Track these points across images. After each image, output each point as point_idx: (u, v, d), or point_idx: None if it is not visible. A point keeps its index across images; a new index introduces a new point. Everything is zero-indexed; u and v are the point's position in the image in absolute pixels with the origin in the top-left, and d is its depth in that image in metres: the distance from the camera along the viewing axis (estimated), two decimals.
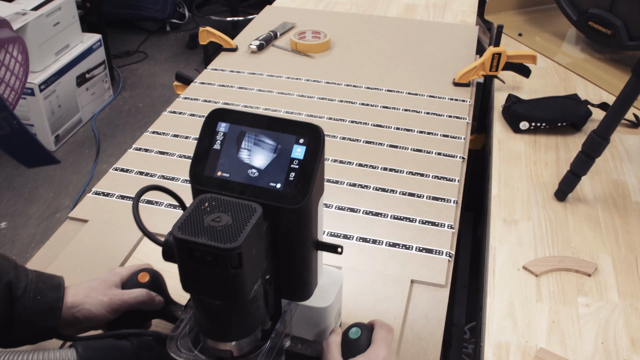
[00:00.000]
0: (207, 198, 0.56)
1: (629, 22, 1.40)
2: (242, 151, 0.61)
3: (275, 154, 0.60)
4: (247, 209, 0.55)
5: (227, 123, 0.62)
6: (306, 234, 0.62)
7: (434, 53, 1.56)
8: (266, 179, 0.59)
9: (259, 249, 0.57)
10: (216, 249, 0.51)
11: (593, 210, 1.04)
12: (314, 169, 0.58)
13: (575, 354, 0.79)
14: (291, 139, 0.60)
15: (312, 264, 0.65)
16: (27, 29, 2.42)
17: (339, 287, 0.71)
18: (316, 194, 0.60)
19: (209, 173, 0.61)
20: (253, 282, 0.56)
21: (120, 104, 3.04)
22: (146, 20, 3.73)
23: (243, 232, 0.52)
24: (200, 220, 0.53)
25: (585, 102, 1.26)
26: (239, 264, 0.52)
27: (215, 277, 0.53)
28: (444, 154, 1.16)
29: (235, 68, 1.48)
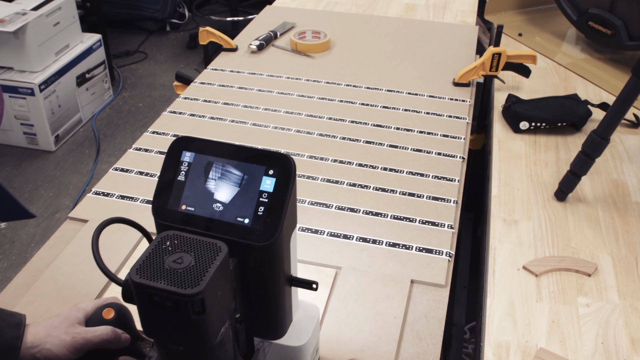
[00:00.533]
0: (169, 236, 0.52)
1: (629, 22, 1.40)
2: (208, 183, 0.57)
3: (243, 187, 0.56)
4: (211, 248, 0.51)
5: (192, 152, 0.58)
6: (277, 271, 0.58)
7: (434, 53, 1.56)
8: (233, 213, 0.55)
9: (225, 291, 0.53)
10: (176, 295, 0.48)
11: (593, 210, 1.04)
12: (285, 202, 0.54)
13: (575, 354, 0.79)
14: (260, 170, 0.56)
15: (285, 301, 0.62)
16: (27, 29, 2.42)
17: (315, 323, 0.67)
18: (287, 228, 0.57)
19: (173, 207, 0.57)
20: (219, 326, 0.53)
21: (120, 104, 3.04)
22: (146, 20, 3.73)
23: (206, 275, 0.48)
24: (161, 261, 0.50)
25: (585, 102, 1.26)
26: (201, 309, 0.49)
27: (177, 323, 0.50)
28: (444, 154, 1.16)
29: (235, 68, 1.48)
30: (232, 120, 1.26)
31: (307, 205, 1.03)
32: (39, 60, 2.51)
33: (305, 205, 1.03)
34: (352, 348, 0.78)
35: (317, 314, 0.68)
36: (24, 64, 2.50)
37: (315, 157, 1.15)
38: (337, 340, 0.79)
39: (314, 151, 1.17)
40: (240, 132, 1.22)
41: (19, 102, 2.52)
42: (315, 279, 0.88)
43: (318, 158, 1.15)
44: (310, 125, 1.25)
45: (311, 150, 1.17)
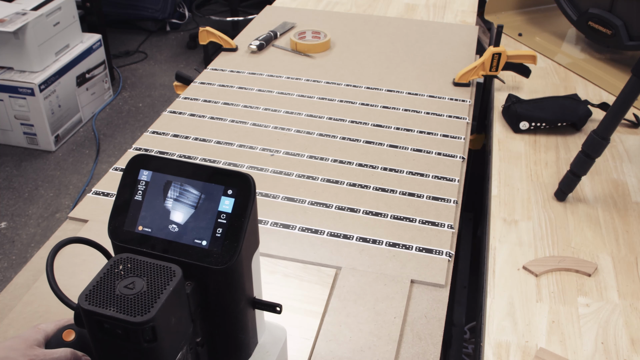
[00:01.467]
0: (123, 259, 0.50)
1: (629, 22, 1.40)
2: (166, 203, 0.54)
3: (201, 207, 0.54)
4: (165, 273, 0.49)
5: (149, 171, 0.56)
6: (238, 294, 0.56)
7: (434, 53, 1.56)
8: (191, 235, 0.53)
9: (181, 316, 0.51)
10: (126, 323, 0.46)
11: (593, 210, 1.04)
12: (244, 224, 0.52)
13: (575, 354, 0.79)
14: (219, 190, 0.54)
15: (248, 324, 0.60)
16: (27, 29, 2.42)
17: (281, 345, 0.66)
18: (248, 250, 0.55)
19: (129, 227, 0.55)
20: (174, 353, 0.51)
21: (120, 104, 3.04)
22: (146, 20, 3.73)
23: (157, 301, 0.47)
24: (112, 286, 0.48)
25: (585, 102, 1.26)
26: (152, 337, 0.47)
27: (128, 351, 0.48)
28: (444, 154, 1.16)
29: (235, 68, 1.48)
30: (232, 120, 1.26)
31: (307, 205, 1.03)
32: (39, 60, 2.52)
33: (305, 205, 1.03)
34: (352, 348, 0.78)
35: (283, 336, 0.67)
36: (24, 64, 2.50)
37: (315, 157, 1.15)
38: (337, 340, 0.79)
39: (314, 151, 1.17)
40: (240, 132, 1.22)
41: (19, 102, 2.52)
42: (315, 279, 0.88)
43: (318, 158, 1.15)
44: (310, 125, 1.25)
45: (311, 150, 1.17)
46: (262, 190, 1.06)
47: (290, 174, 1.11)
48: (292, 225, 0.99)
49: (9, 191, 2.43)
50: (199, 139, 1.20)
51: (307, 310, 0.84)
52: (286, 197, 1.05)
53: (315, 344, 0.79)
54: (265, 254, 0.93)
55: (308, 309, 0.84)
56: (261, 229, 0.98)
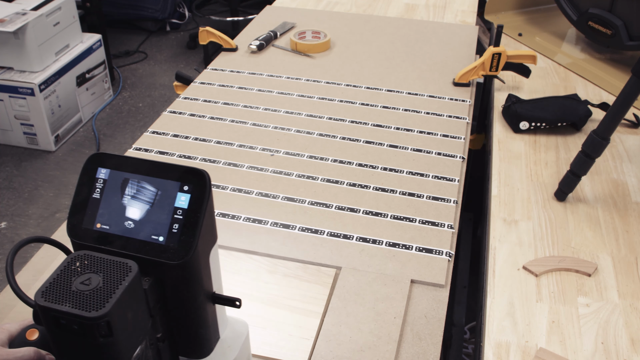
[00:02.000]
0: (80, 256, 0.51)
1: (629, 22, 1.40)
2: (123, 200, 0.55)
3: (158, 203, 0.55)
4: (121, 268, 0.50)
5: (107, 169, 0.56)
6: (196, 289, 0.57)
7: (434, 53, 1.56)
8: (148, 231, 0.54)
9: (138, 311, 0.52)
10: (81, 318, 0.46)
11: (593, 210, 1.04)
12: (199, 219, 0.53)
13: (575, 354, 0.79)
14: (175, 186, 0.54)
15: (208, 319, 0.60)
16: (27, 29, 2.42)
17: (242, 340, 0.66)
18: (205, 245, 0.56)
19: (88, 225, 0.55)
20: (132, 347, 0.52)
21: (120, 104, 3.04)
22: (146, 20, 3.73)
23: (113, 297, 0.48)
24: (68, 283, 0.49)
25: (585, 102, 1.26)
26: (108, 332, 0.48)
27: (85, 346, 0.49)
28: (443, 154, 1.16)
29: (235, 68, 1.48)
30: (232, 120, 1.26)
31: (307, 205, 1.03)
32: (39, 60, 2.52)
33: (305, 205, 1.03)
34: (352, 348, 0.78)
35: (245, 330, 0.67)
36: (24, 64, 2.50)
37: (315, 157, 1.15)
38: (337, 340, 0.79)
39: (314, 151, 1.17)
40: (240, 132, 1.22)
41: (19, 102, 2.52)
42: (315, 279, 0.88)
43: (318, 158, 1.15)
44: (310, 125, 1.25)
45: (311, 150, 1.17)
46: (262, 190, 1.06)
47: (290, 174, 1.11)
48: (292, 225, 0.99)
49: (9, 191, 2.43)
50: (199, 139, 1.20)
51: (307, 310, 0.84)
52: (286, 197, 1.05)
53: (315, 344, 0.79)
54: (265, 254, 0.93)
55: (308, 309, 0.84)
56: (261, 229, 0.98)
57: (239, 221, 1.00)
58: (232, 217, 1.00)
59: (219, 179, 1.09)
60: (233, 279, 0.89)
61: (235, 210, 1.02)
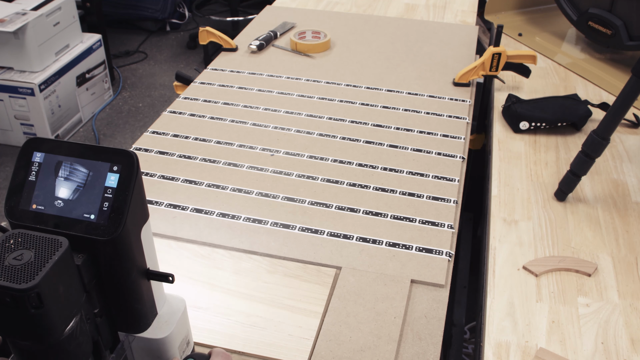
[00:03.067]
0: (14, 234, 0.54)
1: (629, 22, 1.40)
2: (57, 182, 0.59)
3: (89, 184, 0.58)
4: (52, 244, 0.53)
5: (42, 153, 0.60)
6: (128, 264, 0.60)
7: (434, 53, 1.56)
8: (80, 210, 0.57)
9: (70, 285, 0.54)
10: (12, 290, 0.49)
11: (593, 210, 1.04)
12: (127, 197, 0.57)
13: (575, 354, 0.79)
14: (105, 167, 0.58)
15: (143, 294, 0.63)
16: (27, 29, 2.42)
17: (179, 316, 0.69)
18: (134, 222, 0.59)
19: (24, 206, 0.58)
20: (65, 320, 0.54)
21: (120, 104, 3.04)
22: (146, 20, 3.73)
23: (42, 270, 0.50)
24: (2, 259, 0.51)
25: (585, 102, 1.26)
26: (39, 303, 0.50)
27: (18, 318, 0.51)
28: (444, 154, 1.16)
29: (235, 68, 1.48)
30: (232, 120, 1.26)
31: (307, 205, 1.03)
32: (39, 60, 2.52)
33: (305, 205, 1.03)
34: (352, 348, 0.78)
35: (182, 306, 0.70)
36: (24, 64, 2.50)
37: (315, 157, 1.15)
38: (337, 340, 0.79)
39: (314, 151, 1.17)
40: (240, 132, 1.22)
41: (19, 102, 2.52)
42: (315, 279, 0.88)
43: (318, 158, 1.15)
44: (310, 125, 1.25)
45: (311, 150, 1.17)
46: (262, 190, 1.06)
47: (290, 174, 1.11)
48: (292, 225, 0.99)
49: None
50: (199, 139, 1.20)
51: (307, 310, 0.84)
52: (286, 197, 1.05)
53: (315, 344, 0.79)
54: (265, 254, 0.93)
55: (308, 309, 0.84)
56: (261, 229, 0.98)
57: (239, 221, 1.00)
58: (232, 217, 1.00)
59: (219, 179, 1.09)
60: (233, 279, 0.89)
61: (235, 210, 1.02)
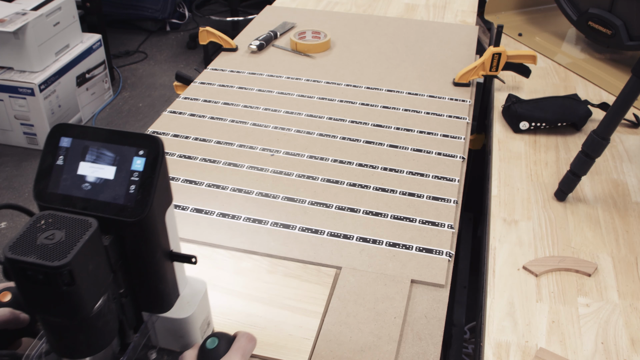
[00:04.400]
0: (45, 215, 0.56)
1: (629, 22, 1.40)
2: (84, 166, 0.60)
3: (116, 167, 0.60)
4: (82, 225, 0.55)
5: (69, 138, 0.62)
6: (153, 246, 0.61)
7: (434, 53, 1.56)
8: (108, 192, 0.59)
9: (99, 264, 0.56)
10: (45, 268, 0.51)
11: (593, 210, 1.04)
12: (154, 180, 0.58)
13: (575, 354, 0.79)
14: (131, 151, 0.60)
15: (166, 275, 0.65)
16: (27, 29, 2.42)
17: (200, 297, 0.71)
18: (160, 205, 0.60)
19: (53, 189, 0.60)
20: (94, 298, 0.56)
21: (120, 104, 3.04)
22: (146, 20, 3.73)
23: (74, 248, 0.52)
24: (34, 238, 0.53)
25: (585, 102, 1.26)
26: (71, 281, 0.52)
27: (50, 295, 0.53)
28: (444, 154, 1.16)
29: (235, 68, 1.48)
30: (232, 120, 1.26)
31: (307, 205, 1.03)
32: (39, 60, 2.52)
33: (305, 205, 1.03)
34: (352, 348, 0.78)
35: (203, 288, 0.72)
36: (24, 64, 2.50)
37: (315, 157, 1.15)
38: (337, 340, 0.79)
39: (314, 151, 1.17)
40: (240, 132, 1.22)
41: (19, 102, 2.52)
42: (315, 279, 0.88)
43: (318, 158, 1.15)
44: (310, 125, 1.25)
45: (311, 150, 1.17)
46: (262, 190, 1.06)
47: (290, 174, 1.11)
48: (292, 225, 0.99)
49: (9, 191, 2.43)
50: (199, 139, 1.20)
51: (307, 310, 0.84)
52: (286, 197, 1.05)
53: (316, 344, 0.79)
54: (265, 254, 0.93)
55: (308, 309, 0.84)
56: (261, 229, 0.98)
57: (239, 221, 1.00)
58: (232, 217, 1.00)
59: (219, 179, 1.09)
60: (233, 279, 0.89)
61: (235, 210, 1.02)
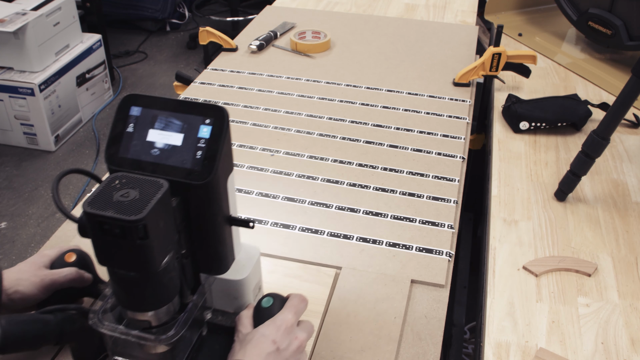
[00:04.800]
0: (118, 176, 0.59)
1: (629, 22, 1.40)
2: (153, 133, 0.64)
3: (184, 135, 0.64)
4: (154, 185, 0.58)
5: (139, 107, 0.65)
6: (216, 208, 0.65)
7: (434, 53, 1.56)
8: (176, 158, 0.63)
9: (168, 223, 0.60)
10: (122, 222, 0.54)
11: (593, 210, 1.04)
12: (219, 146, 0.62)
13: (575, 354, 0.79)
14: (198, 120, 0.64)
15: (225, 238, 0.69)
16: (27, 29, 2.42)
17: (255, 261, 0.75)
18: (223, 171, 0.64)
19: (123, 154, 0.65)
20: (163, 253, 0.60)
21: None
22: (146, 20, 3.73)
23: (148, 205, 0.56)
24: (110, 196, 0.57)
25: (585, 102, 1.26)
26: (145, 235, 0.55)
27: (124, 248, 0.57)
28: (444, 154, 1.16)
29: (235, 68, 1.48)
30: (232, 121, 1.26)
31: (307, 205, 1.03)
32: (39, 60, 2.52)
33: (305, 205, 1.03)
34: (352, 348, 0.78)
35: (257, 253, 0.76)
36: (24, 64, 2.50)
37: (315, 157, 1.15)
38: (337, 340, 0.79)
39: (314, 151, 1.17)
40: (240, 132, 1.22)
41: (19, 102, 2.52)
42: (315, 279, 0.88)
43: (318, 158, 1.15)
44: (310, 125, 1.25)
45: (311, 150, 1.17)
46: (262, 190, 1.06)
47: (290, 174, 1.11)
48: (292, 225, 0.99)
49: (9, 191, 2.43)
50: None
51: (308, 310, 0.83)
52: (286, 197, 1.05)
53: (316, 344, 0.79)
54: (266, 254, 0.93)
55: (308, 308, 0.84)
56: (261, 229, 0.98)
57: None
58: None
59: None
60: None
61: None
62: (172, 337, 0.64)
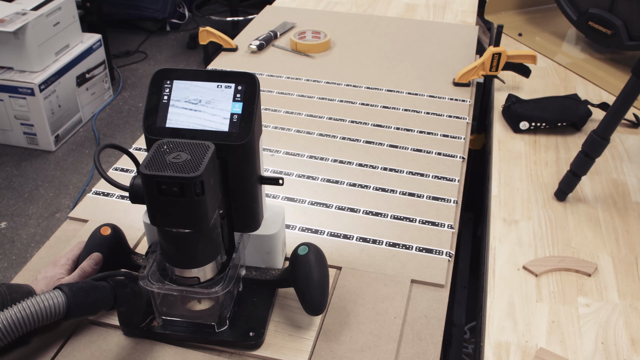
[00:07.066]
0: (165, 142, 0.63)
1: (629, 22, 1.40)
2: (188, 102, 0.69)
3: (218, 101, 0.68)
4: (201, 147, 0.62)
5: (171, 80, 0.70)
6: (252, 167, 0.71)
7: (434, 53, 1.56)
8: (212, 123, 0.68)
9: (215, 181, 0.65)
10: (181, 179, 0.58)
11: (593, 210, 1.04)
12: (254, 109, 0.67)
13: (575, 354, 0.79)
14: (231, 86, 0.69)
15: (258, 196, 0.75)
16: (27, 29, 2.42)
17: (282, 217, 0.81)
18: (257, 132, 0.69)
19: (161, 124, 0.68)
20: (213, 210, 0.64)
21: (120, 104, 3.04)
22: (146, 20, 3.73)
23: (202, 163, 0.60)
24: (162, 159, 0.60)
25: (585, 102, 1.26)
26: (202, 191, 0.59)
27: (182, 206, 0.60)
28: (444, 154, 1.16)
29: (235, 68, 1.48)
30: None
31: (307, 205, 1.03)
32: (39, 60, 2.52)
33: (305, 205, 1.03)
34: (352, 348, 0.78)
35: (282, 211, 0.82)
36: (24, 64, 2.50)
37: (315, 157, 1.15)
38: (337, 340, 0.79)
39: (314, 151, 1.17)
40: None
41: (19, 102, 2.52)
42: None
43: (318, 158, 1.15)
44: (310, 125, 1.25)
45: (311, 150, 1.17)
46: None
47: (290, 174, 1.11)
48: (292, 225, 0.99)
49: (9, 191, 2.43)
50: None
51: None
52: (286, 197, 1.05)
53: (316, 344, 0.79)
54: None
55: None
56: None
57: None
58: None
59: None
60: None
61: None
62: (222, 290, 0.69)
